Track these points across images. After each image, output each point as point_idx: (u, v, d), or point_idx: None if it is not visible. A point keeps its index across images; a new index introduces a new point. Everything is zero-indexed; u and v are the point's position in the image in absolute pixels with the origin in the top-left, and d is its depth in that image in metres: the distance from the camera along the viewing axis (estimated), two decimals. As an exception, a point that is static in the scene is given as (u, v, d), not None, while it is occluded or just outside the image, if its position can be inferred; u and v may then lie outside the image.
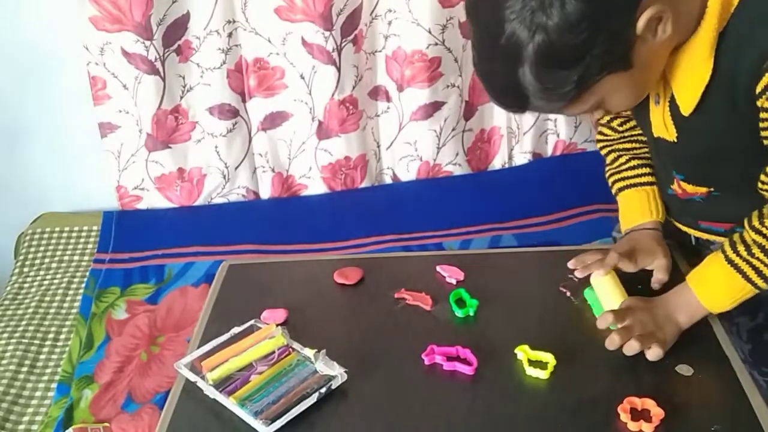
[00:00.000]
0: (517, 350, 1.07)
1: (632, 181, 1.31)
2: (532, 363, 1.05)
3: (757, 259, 1.05)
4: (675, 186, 1.21)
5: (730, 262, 1.07)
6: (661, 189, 1.29)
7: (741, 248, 1.06)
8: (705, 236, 1.28)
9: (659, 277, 1.20)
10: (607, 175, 1.35)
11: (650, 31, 0.92)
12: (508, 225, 2.07)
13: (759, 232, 1.05)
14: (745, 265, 1.06)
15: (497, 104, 1.01)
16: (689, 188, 1.18)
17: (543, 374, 1.03)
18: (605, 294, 1.16)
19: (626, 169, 1.31)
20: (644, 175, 1.30)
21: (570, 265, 1.24)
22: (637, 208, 1.28)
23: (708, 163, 1.13)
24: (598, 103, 0.98)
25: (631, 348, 1.05)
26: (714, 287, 1.10)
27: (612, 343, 1.06)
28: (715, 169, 1.13)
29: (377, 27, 2.09)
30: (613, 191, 1.34)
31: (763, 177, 1.06)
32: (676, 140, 1.11)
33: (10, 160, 2.17)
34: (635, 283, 1.20)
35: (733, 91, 0.98)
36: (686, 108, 1.04)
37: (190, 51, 2.02)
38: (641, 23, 0.90)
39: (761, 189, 1.07)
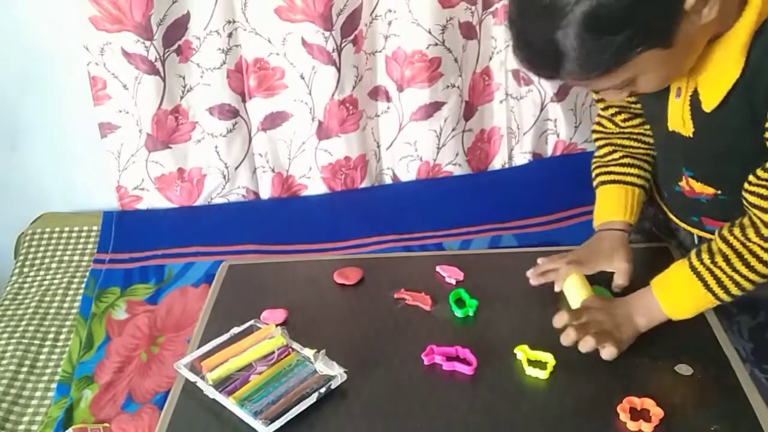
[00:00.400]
0: (516, 350, 1.07)
1: (618, 177, 1.28)
2: (532, 363, 1.05)
3: (719, 268, 1.04)
4: (683, 183, 1.18)
5: (693, 269, 1.06)
6: (666, 186, 1.26)
7: (705, 256, 1.05)
8: (710, 237, 1.24)
9: (618, 282, 1.20)
10: (593, 166, 1.32)
11: (697, 11, 0.89)
12: (508, 225, 2.07)
13: (726, 241, 1.04)
14: (707, 273, 1.05)
15: (526, 67, 0.96)
16: (697, 186, 1.16)
17: (542, 374, 1.03)
18: (572, 295, 1.17)
19: (616, 165, 1.29)
20: (632, 175, 1.27)
21: (528, 273, 1.24)
22: (614, 203, 1.26)
23: (721, 162, 1.11)
24: (629, 80, 0.96)
25: (587, 344, 1.05)
26: (675, 293, 1.09)
27: (567, 338, 1.06)
28: (727, 168, 1.11)
29: (377, 27, 2.09)
30: (595, 183, 1.30)
31: (751, 178, 1.03)
32: (692, 136, 1.08)
33: (10, 160, 2.17)
34: (635, 285, 1.20)
35: (756, 93, 0.97)
36: (709, 104, 1.02)
37: (190, 51, 2.02)
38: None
39: (745, 191, 1.04)
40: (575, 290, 1.17)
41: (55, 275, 2.01)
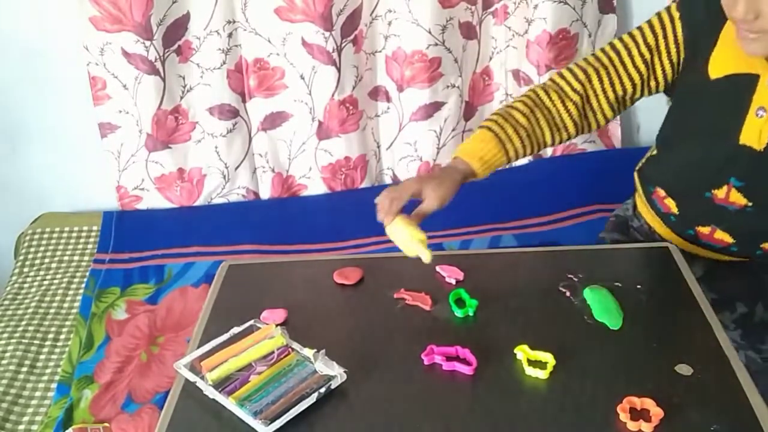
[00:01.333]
0: (516, 350, 1.07)
1: (509, 128, 1.25)
2: (532, 363, 1.05)
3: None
4: (721, 191, 1.22)
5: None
6: (693, 192, 1.27)
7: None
8: (699, 252, 1.31)
9: (422, 207, 1.20)
10: (504, 104, 1.32)
11: None
12: (508, 225, 2.07)
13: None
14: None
15: None
16: (734, 196, 1.21)
17: (542, 374, 1.03)
18: (401, 240, 1.19)
19: (520, 116, 1.25)
20: (520, 146, 1.25)
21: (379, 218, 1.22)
22: (483, 148, 1.24)
23: None
24: None
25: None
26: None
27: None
28: None
29: (377, 27, 2.09)
30: (484, 121, 1.27)
31: None
32: (763, 149, 1.15)
33: (10, 160, 2.17)
34: (635, 285, 1.20)
35: None
36: None
37: (190, 51, 2.02)
38: None
39: None
40: (404, 233, 1.19)
41: (55, 275, 2.01)
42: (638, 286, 1.20)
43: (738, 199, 1.22)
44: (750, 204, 1.21)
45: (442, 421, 0.98)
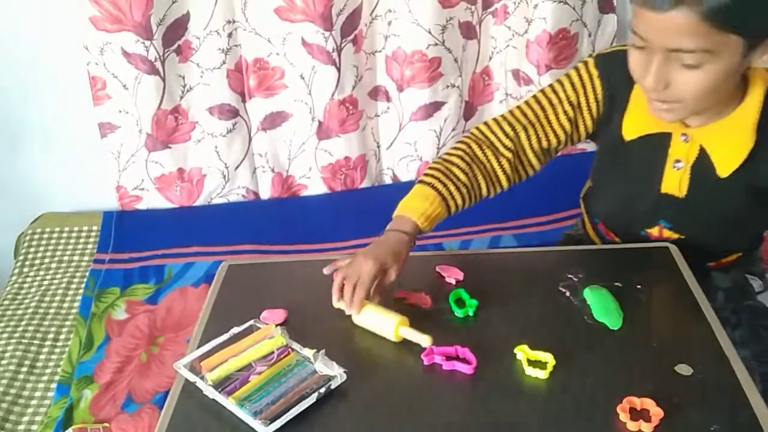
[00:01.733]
0: (516, 350, 1.07)
1: (448, 191, 1.26)
2: (532, 363, 1.05)
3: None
4: (654, 230, 1.31)
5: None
6: (628, 229, 1.34)
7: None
8: None
9: (384, 282, 1.16)
10: (436, 159, 1.30)
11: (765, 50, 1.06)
12: (508, 225, 2.07)
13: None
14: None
15: None
16: (667, 233, 1.31)
17: (542, 374, 1.03)
18: (380, 328, 1.12)
19: (460, 173, 1.27)
20: (462, 192, 1.27)
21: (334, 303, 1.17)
22: (427, 206, 1.23)
23: (707, 219, 1.26)
24: (702, 55, 1.02)
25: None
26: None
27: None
28: (709, 223, 1.27)
29: (377, 27, 2.09)
30: (424, 176, 1.28)
31: None
32: (684, 196, 1.24)
33: (10, 160, 2.17)
34: (635, 285, 1.20)
35: (763, 163, 1.16)
36: (724, 171, 1.18)
37: (190, 51, 2.02)
38: None
39: None
40: (376, 316, 1.12)
41: (55, 275, 2.01)
42: (638, 286, 1.20)
43: (671, 235, 1.31)
44: (683, 237, 1.30)
45: (442, 421, 0.98)
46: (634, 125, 1.24)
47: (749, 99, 1.15)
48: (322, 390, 1.01)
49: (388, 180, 2.32)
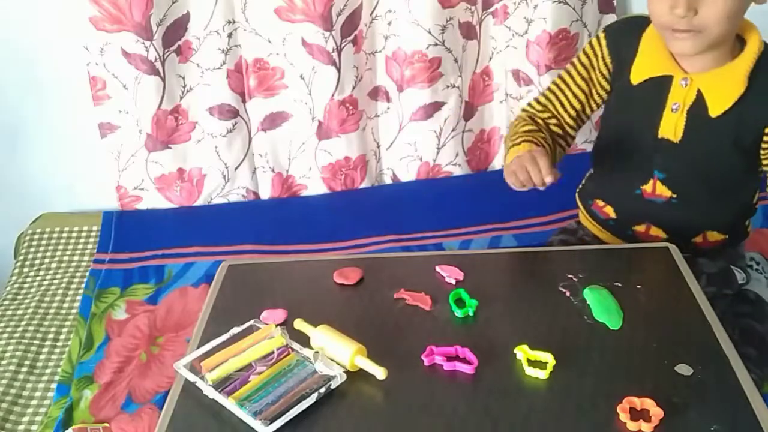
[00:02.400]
0: (516, 350, 1.07)
1: (539, 140, 1.40)
2: (532, 363, 1.05)
3: None
4: (648, 185, 1.40)
5: None
6: (626, 190, 1.43)
7: None
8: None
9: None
10: (514, 133, 1.42)
11: None
12: (508, 225, 2.07)
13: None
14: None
15: None
16: (660, 189, 1.39)
17: (542, 374, 1.03)
18: (332, 350, 1.09)
19: (540, 136, 1.41)
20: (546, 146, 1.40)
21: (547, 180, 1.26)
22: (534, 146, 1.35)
23: (696, 165, 1.35)
24: None
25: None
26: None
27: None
28: (698, 169, 1.36)
29: (377, 27, 2.09)
30: (517, 141, 1.38)
31: None
32: (679, 141, 1.34)
33: (11, 160, 2.17)
34: (635, 285, 1.20)
35: (754, 108, 1.28)
36: (716, 111, 1.29)
37: (190, 51, 2.02)
38: None
39: None
40: (335, 340, 1.09)
41: (55, 275, 2.01)
42: (638, 286, 1.20)
43: (663, 191, 1.39)
44: (674, 196, 1.38)
45: (442, 421, 0.98)
46: (641, 69, 1.35)
47: (745, 51, 1.28)
48: (322, 390, 1.01)
49: (388, 180, 2.32)
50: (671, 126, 1.34)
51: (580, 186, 1.62)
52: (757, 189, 1.46)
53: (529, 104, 1.51)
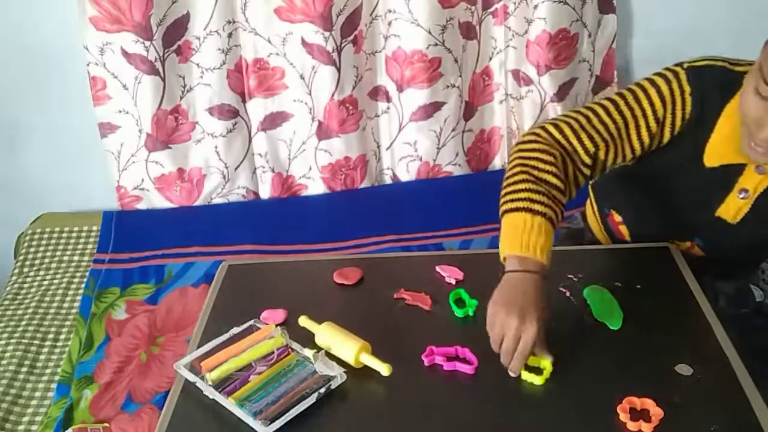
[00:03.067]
0: None
1: (552, 212, 1.13)
2: (529, 369, 1.04)
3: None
4: (683, 245, 1.32)
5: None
6: (654, 237, 1.32)
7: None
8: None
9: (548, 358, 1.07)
10: (526, 170, 1.16)
11: None
12: (508, 225, 2.07)
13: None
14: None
15: None
16: (695, 249, 1.32)
17: (537, 380, 1.02)
18: (337, 347, 1.08)
19: (559, 195, 1.15)
20: (557, 216, 1.16)
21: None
22: (543, 239, 1.10)
23: (745, 246, 1.28)
24: None
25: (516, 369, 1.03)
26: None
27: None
28: (745, 246, 1.28)
29: (377, 27, 2.09)
30: (525, 202, 1.14)
31: None
32: (735, 223, 1.24)
33: (10, 160, 2.17)
34: (635, 285, 1.20)
35: None
36: None
37: (190, 51, 2.02)
38: None
39: None
40: (338, 338, 1.09)
41: (55, 275, 2.01)
42: (638, 286, 1.20)
43: (697, 251, 1.32)
44: (706, 255, 1.32)
45: (442, 421, 0.98)
46: (717, 153, 1.20)
47: None
48: (322, 390, 1.01)
49: (388, 180, 2.32)
50: (733, 209, 1.23)
51: (598, 182, 1.44)
52: None
53: (571, 134, 1.18)
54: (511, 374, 1.04)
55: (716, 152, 1.20)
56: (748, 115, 1.07)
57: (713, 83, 1.15)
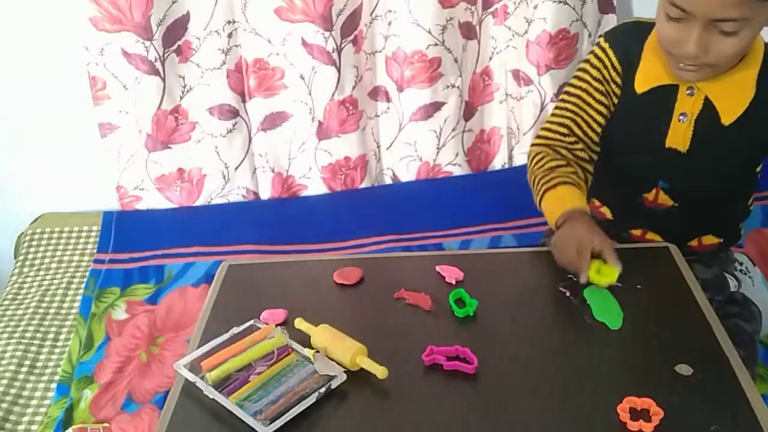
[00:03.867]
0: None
1: (576, 181, 1.34)
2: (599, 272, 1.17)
3: None
4: (650, 194, 1.37)
5: None
6: (627, 198, 1.40)
7: None
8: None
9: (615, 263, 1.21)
10: (544, 171, 1.36)
11: None
12: (508, 225, 2.07)
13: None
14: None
15: None
16: (662, 198, 1.37)
17: (602, 282, 1.17)
18: (333, 350, 1.08)
19: (571, 174, 1.35)
20: (584, 184, 1.36)
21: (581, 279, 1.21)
22: (577, 195, 1.32)
23: (702, 175, 1.32)
24: (740, 24, 1.11)
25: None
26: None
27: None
28: (705, 180, 1.33)
29: (377, 27, 2.09)
30: (551, 183, 1.34)
31: None
32: (686, 151, 1.30)
33: (10, 160, 2.17)
34: (635, 285, 1.20)
35: (765, 108, 1.24)
36: (728, 119, 1.26)
37: (190, 51, 2.02)
38: None
39: None
40: (336, 341, 1.09)
41: (55, 275, 2.01)
42: (638, 286, 1.20)
43: (665, 200, 1.37)
44: (676, 204, 1.36)
45: (442, 421, 0.98)
46: (645, 78, 1.31)
47: (750, 55, 1.23)
48: (322, 390, 1.01)
49: (388, 180, 2.32)
50: (679, 136, 1.30)
51: None
52: (753, 192, 1.45)
53: (547, 130, 1.41)
54: (581, 280, 1.18)
55: (644, 79, 1.31)
56: (667, 41, 1.19)
57: (629, 33, 1.33)
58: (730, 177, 1.35)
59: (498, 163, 2.35)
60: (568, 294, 1.20)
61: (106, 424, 1.54)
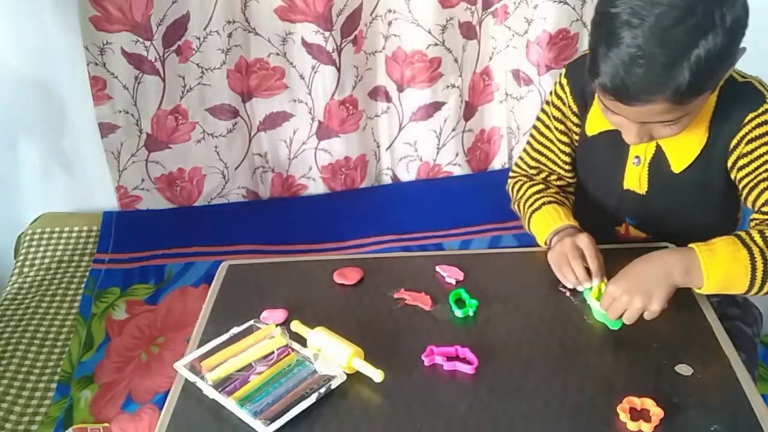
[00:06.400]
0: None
1: (560, 199, 1.37)
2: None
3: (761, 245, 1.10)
4: (621, 228, 1.38)
5: (740, 239, 1.11)
6: (600, 228, 1.34)
7: (758, 239, 1.11)
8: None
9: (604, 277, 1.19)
10: (526, 197, 1.38)
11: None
12: (508, 225, 2.07)
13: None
14: (754, 245, 1.10)
15: (633, 84, 1.01)
16: (633, 232, 1.36)
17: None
18: (329, 351, 1.08)
19: (555, 195, 1.37)
20: (565, 203, 1.37)
21: (570, 283, 1.20)
22: (562, 213, 1.32)
23: (667, 214, 1.30)
24: (677, 118, 1.07)
25: (631, 317, 1.07)
26: (719, 261, 1.10)
27: (614, 312, 1.09)
28: (670, 219, 1.31)
29: (377, 27, 2.09)
30: (535, 206, 1.35)
31: (755, 216, 1.18)
32: (645, 193, 1.29)
33: (10, 160, 2.17)
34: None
35: (714, 157, 1.20)
36: (678, 167, 1.23)
37: (190, 51, 2.02)
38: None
39: (754, 221, 1.18)
40: (333, 342, 1.08)
41: (55, 275, 2.01)
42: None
43: (637, 233, 1.36)
44: (649, 237, 1.35)
45: (442, 421, 0.98)
46: (595, 121, 1.29)
47: (703, 108, 1.18)
48: (322, 390, 1.01)
49: (388, 180, 2.32)
50: (635, 179, 1.29)
51: None
52: (737, 220, 1.37)
53: (518, 166, 1.45)
54: (586, 286, 1.18)
55: (594, 122, 1.29)
56: (611, 123, 1.16)
57: (585, 67, 1.24)
58: (694, 216, 1.30)
59: (498, 163, 2.35)
60: (568, 294, 1.20)
61: (106, 424, 1.54)
